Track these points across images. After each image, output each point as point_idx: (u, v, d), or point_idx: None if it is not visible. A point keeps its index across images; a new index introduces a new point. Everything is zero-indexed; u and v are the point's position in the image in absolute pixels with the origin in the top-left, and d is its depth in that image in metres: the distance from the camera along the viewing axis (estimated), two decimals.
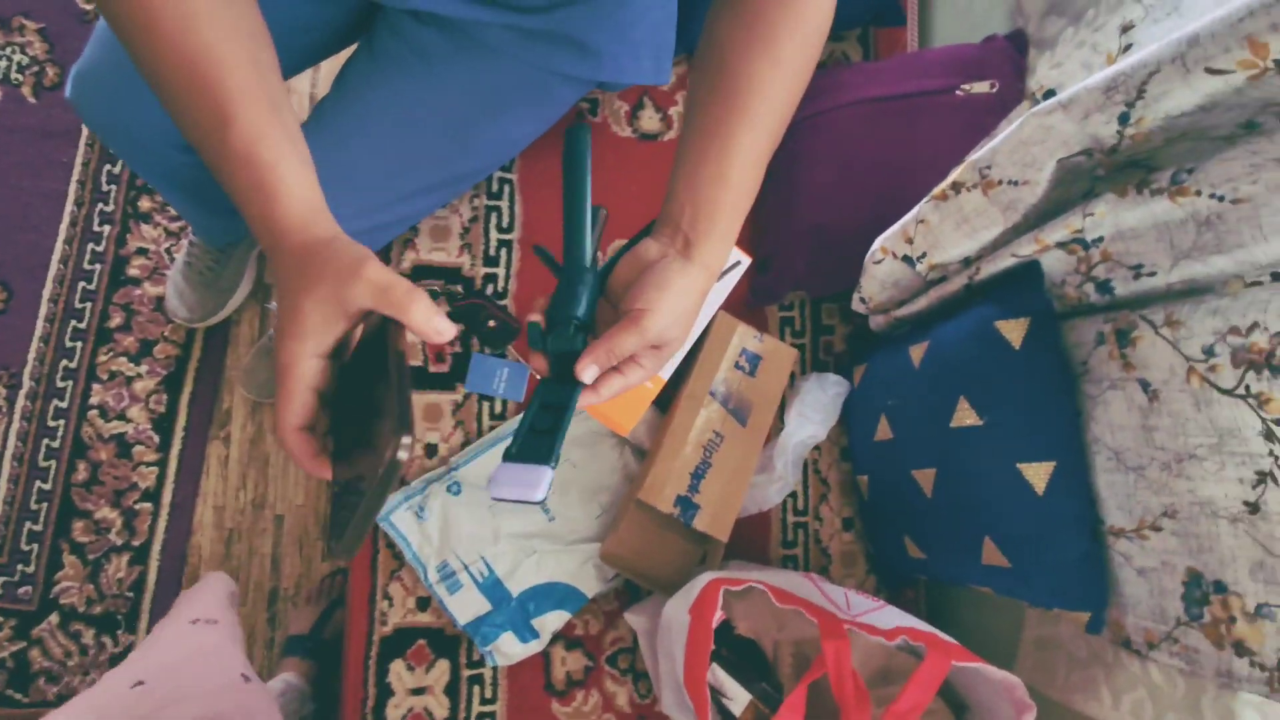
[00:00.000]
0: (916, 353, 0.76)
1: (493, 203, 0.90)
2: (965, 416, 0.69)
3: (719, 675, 0.69)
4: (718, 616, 0.66)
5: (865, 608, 0.74)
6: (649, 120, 0.96)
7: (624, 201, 0.91)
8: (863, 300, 0.85)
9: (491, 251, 0.89)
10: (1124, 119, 0.53)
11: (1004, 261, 0.67)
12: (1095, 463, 0.64)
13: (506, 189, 0.91)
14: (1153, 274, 0.57)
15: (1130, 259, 0.59)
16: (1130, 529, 0.62)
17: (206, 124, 0.43)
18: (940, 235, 0.71)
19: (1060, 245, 0.62)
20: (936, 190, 0.70)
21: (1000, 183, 0.64)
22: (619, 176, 0.93)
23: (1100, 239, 0.60)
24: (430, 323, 0.42)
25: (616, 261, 0.51)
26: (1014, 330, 0.66)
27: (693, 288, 0.49)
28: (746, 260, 0.86)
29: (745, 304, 0.93)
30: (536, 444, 0.46)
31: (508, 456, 0.46)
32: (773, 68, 0.50)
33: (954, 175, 0.68)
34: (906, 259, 0.75)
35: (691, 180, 0.51)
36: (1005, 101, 0.79)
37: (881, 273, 0.79)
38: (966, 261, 0.72)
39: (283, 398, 0.43)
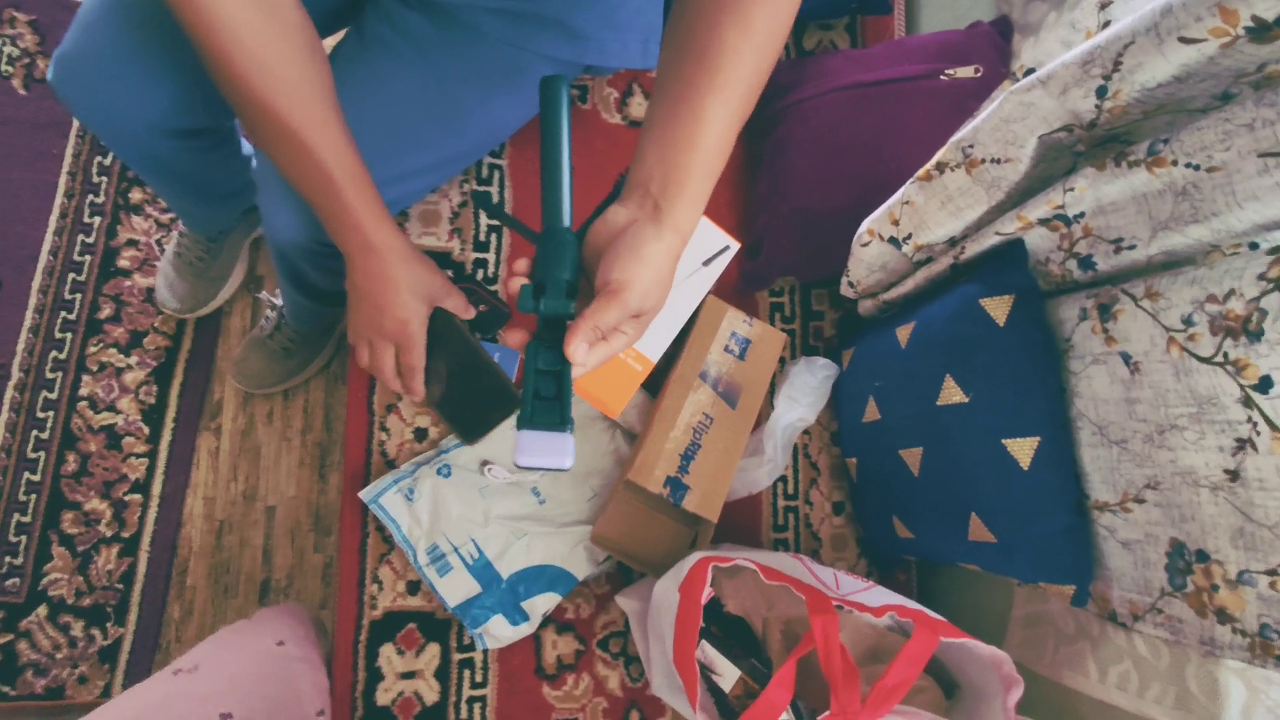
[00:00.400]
0: (903, 333, 0.77)
1: (482, 188, 0.91)
2: (951, 394, 0.70)
3: (708, 652, 0.69)
4: (706, 593, 0.67)
5: (854, 588, 0.74)
6: (638, 107, 0.96)
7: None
8: (851, 284, 0.86)
9: (481, 237, 0.89)
10: (1101, 92, 0.54)
11: (988, 240, 0.67)
12: (1080, 438, 0.65)
13: (496, 174, 0.91)
14: (1133, 247, 0.58)
15: (1111, 233, 0.59)
16: (1114, 502, 0.62)
17: (315, 185, 0.63)
18: (925, 216, 0.72)
19: (1042, 222, 0.63)
20: (921, 171, 0.71)
21: (983, 161, 0.65)
22: (608, 163, 0.94)
23: (1082, 214, 0.60)
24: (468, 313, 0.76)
25: (586, 229, 0.52)
26: (998, 307, 0.67)
27: (666, 251, 0.50)
28: (735, 245, 0.87)
29: (735, 290, 0.93)
30: (547, 410, 0.48)
31: (523, 424, 0.47)
32: (742, 35, 0.51)
33: (938, 155, 0.69)
34: (893, 240, 0.76)
35: (660, 145, 0.51)
36: (989, 86, 0.80)
37: (869, 255, 0.80)
38: (952, 241, 0.73)
39: (410, 341, 0.70)
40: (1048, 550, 0.64)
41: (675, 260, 0.52)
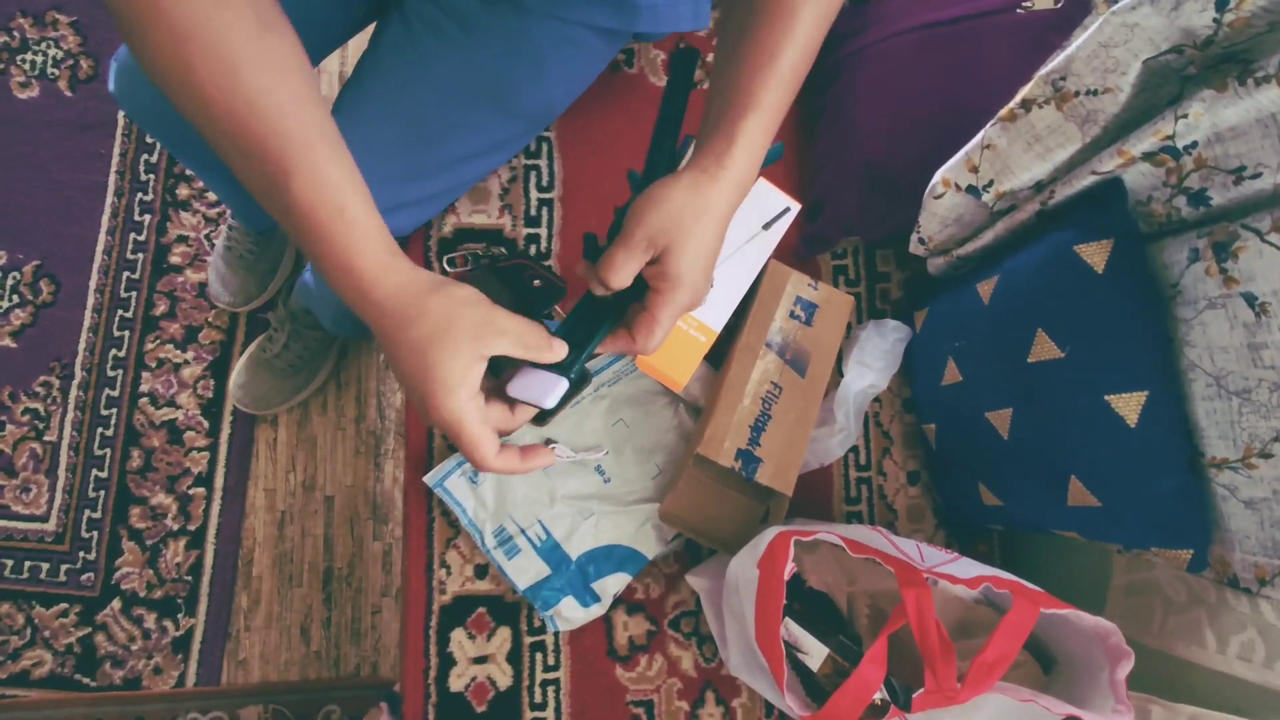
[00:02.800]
0: (985, 289, 0.72)
1: (531, 162, 0.88)
2: (1044, 350, 0.65)
3: (793, 629, 0.66)
4: (789, 569, 0.64)
5: (940, 559, 0.71)
6: None
7: None
8: (922, 241, 0.81)
9: (532, 211, 0.87)
10: (1221, 4, 0.48)
11: (1082, 181, 0.62)
12: (1192, 391, 0.60)
13: (545, 148, 0.89)
14: (1257, 175, 0.53)
15: (1230, 162, 0.54)
16: (1235, 459, 0.57)
17: (266, 180, 0.44)
18: (1009, 159, 0.67)
19: (1147, 156, 0.58)
20: (1004, 111, 0.66)
21: (1078, 94, 0.59)
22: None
23: (1194, 144, 0.55)
24: (556, 352, 0.51)
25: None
26: (1096, 254, 0.62)
27: (686, 188, 0.50)
28: (796, 206, 0.83)
29: (795, 255, 0.89)
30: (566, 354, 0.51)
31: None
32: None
33: (1023, 92, 0.64)
34: (971, 189, 0.71)
35: (710, 104, 0.55)
36: (1072, 18, 0.74)
37: (943, 208, 0.75)
38: (1038, 186, 0.68)
39: (470, 446, 0.47)
40: (1160, 512, 0.60)
41: (701, 197, 0.51)
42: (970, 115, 0.73)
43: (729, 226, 0.54)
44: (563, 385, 0.51)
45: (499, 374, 0.52)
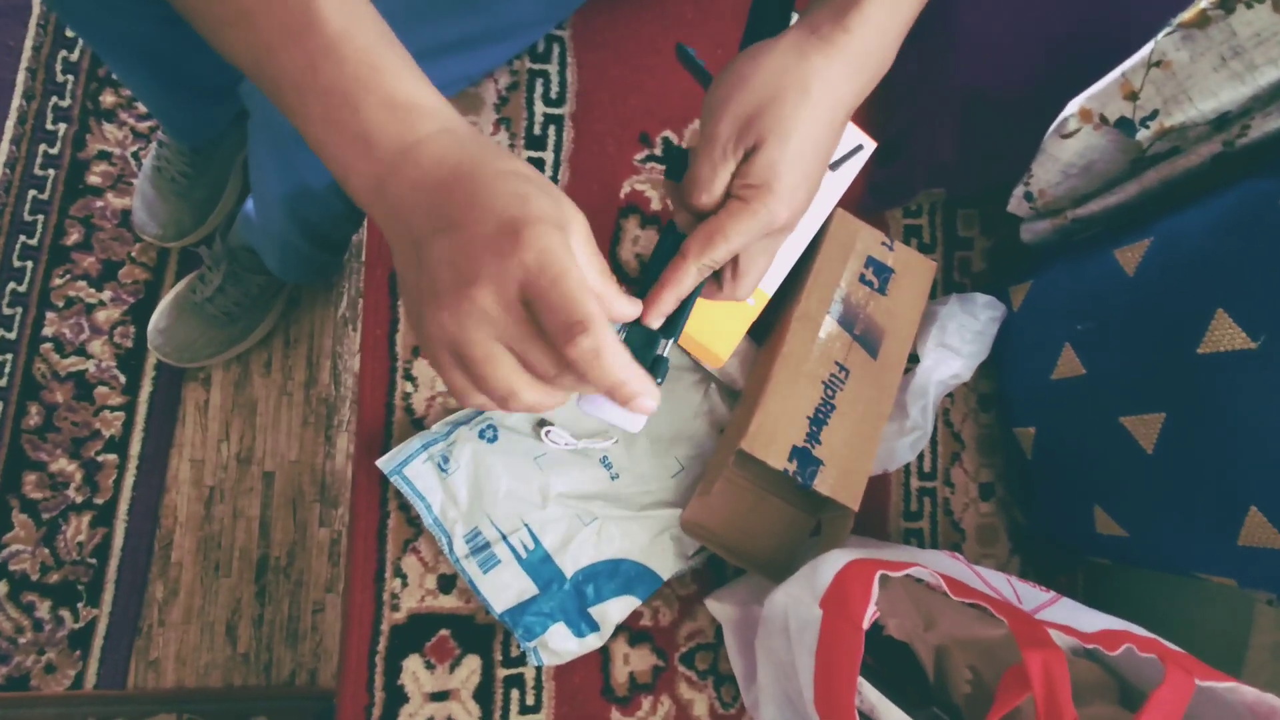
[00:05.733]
0: (1129, 256, 0.56)
1: (538, 66, 0.69)
2: (1224, 338, 0.49)
3: (867, 695, 0.49)
4: (869, 614, 0.47)
5: (1038, 600, 0.55)
6: None
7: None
8: (1029, 196, 0.64)
9: (536, 130, 0.69)
10: None
11: None
12: None
13: (556, 49, 0.70)
14: None
15: None
16: None
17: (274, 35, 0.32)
18: (1190, 82, 0.50)
19: None
20: (1188, 13, 0.49)
21: None
22: (696, 34, 0.72)
23: None
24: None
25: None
26: None
27: (774, 50, 0.37)
28: (870, 145, 0.66)
29: (861, 208, 0.72)
30: (643, 346, 0.38)
31: None
32: None
33: None
34: (1123, 123, 0.54)
35: None
36: None
37: (1070, 151, 0.58)
38: (1221, 121, 0.51)
39: (576, 302, 0.30)
40: None
41: (810, 65, 0.36)
42: (1120, 28, 0.56)
43: None
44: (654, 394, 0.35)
45: None
